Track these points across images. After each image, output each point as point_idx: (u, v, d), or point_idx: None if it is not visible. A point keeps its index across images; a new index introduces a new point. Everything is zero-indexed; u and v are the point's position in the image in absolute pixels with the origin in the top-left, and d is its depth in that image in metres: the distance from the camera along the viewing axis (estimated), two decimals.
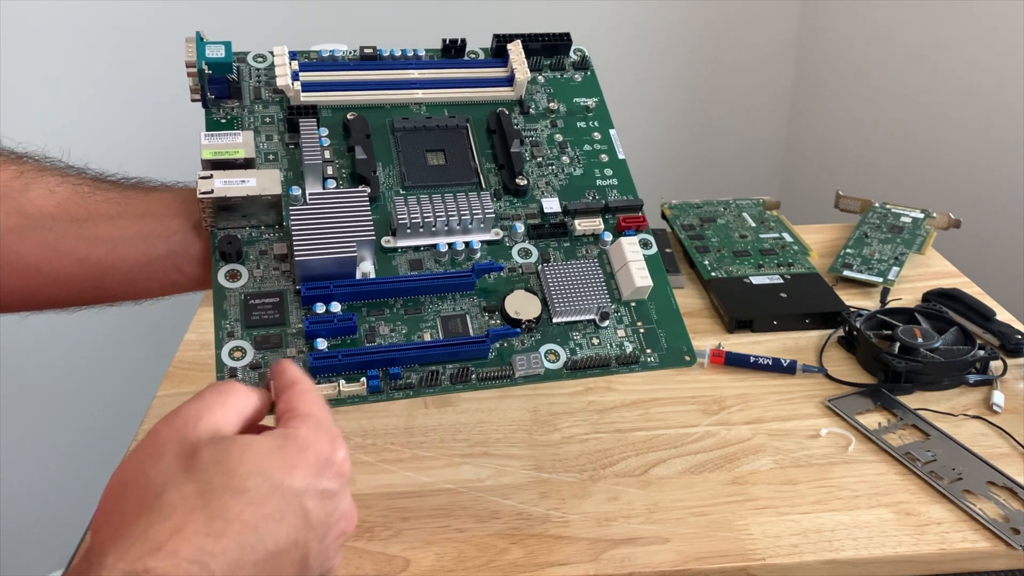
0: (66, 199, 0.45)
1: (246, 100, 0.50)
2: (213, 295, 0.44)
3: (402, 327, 0.45)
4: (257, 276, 0.45)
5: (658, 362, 0.47)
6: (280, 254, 0.45)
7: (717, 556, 0.48)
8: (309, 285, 0.44)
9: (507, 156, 0.51)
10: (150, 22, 1.19)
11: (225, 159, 0.45)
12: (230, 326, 0.43)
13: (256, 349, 0.43)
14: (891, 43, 1.35)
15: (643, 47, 1.50)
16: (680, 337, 0.48)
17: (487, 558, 0.48)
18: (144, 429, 0.59)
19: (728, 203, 0.88)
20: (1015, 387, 0.62)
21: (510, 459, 0.56)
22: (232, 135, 0.46)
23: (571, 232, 0.50)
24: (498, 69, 0.54)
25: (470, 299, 0.47)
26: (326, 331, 0.44)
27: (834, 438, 0.57)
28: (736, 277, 0.75)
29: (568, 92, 0.55)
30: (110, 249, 0.44)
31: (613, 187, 0.52)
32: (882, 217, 0.84)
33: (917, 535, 0.49)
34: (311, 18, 1.32)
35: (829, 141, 1.53)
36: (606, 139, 0.54)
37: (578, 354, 0.46)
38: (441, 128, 0.51)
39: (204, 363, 0.66)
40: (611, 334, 0.47)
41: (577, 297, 0.47)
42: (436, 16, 1.35)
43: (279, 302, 0.44)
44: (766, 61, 1.56)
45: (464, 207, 0.47)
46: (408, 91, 0.52)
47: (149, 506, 0.30)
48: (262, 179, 0.45)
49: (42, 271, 0.43)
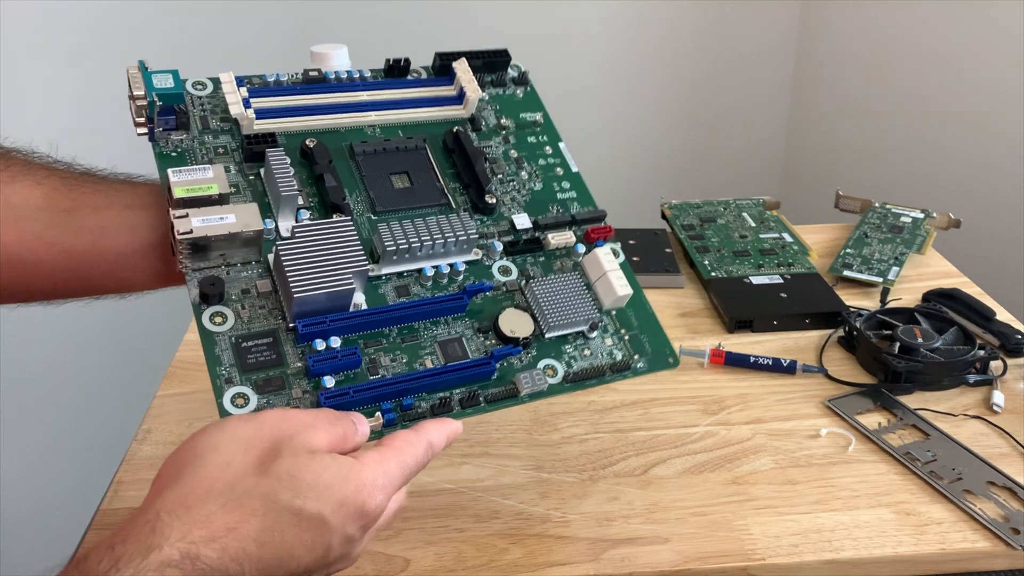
0: (53, 190, 0.45)
1: (194, 131, 0.47)
2: (202, 342, 0.42)
3: (402, 356, 0.45)
4: (244, 317, 0.43)
5: (646, 367, 0.49)
6: (265, 291, 0.44)
7: (717, 556, 0.48)
8: (305, 322, 0.42)
9: (472, 175, 0.50)
10: (134, 28, 1.19)
11: (199, 196, 0.43)
12: (226, 372, 0.41)
13: (259, 393, 0.41)
14: (891, 43, 1.35)
15: (643, 47, 1.50)
16: (662, 341, 0.50)
17: (487, 558, 0.48)
18: (144, 429, 0.59)
19: (728, 203, 0.88)
20: (1015, 387, 0.62)
21: (510, 459, 0.56)
22: (201, 169, 0.44)
23: (545, 247, 0.50)
24: (444, 88, 0.53)
25: (462, 321, 0.47)
26: (331, 368, 0.42)
27: (834, 438, 0.57)
28: (736, 277, 0.75)
29: (513, 108, 0.55)
30: (96, 239, 0.44)
31: (573, 200, 0.53)
32: (882, 217, 0.84)
33: (917, 535, 0.49)
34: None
35: (829, 141, 1.53)
36: (557, 153, 0.55)
37: (574, 366, 0.47)
38: (401, 150, 0.50)
39: (204, 363, 0.66)
40: (600, 344, 0.48)
41: (567, 310, 0.47)
42: (437, 18, 1.35)
43: (272, 342, 0.42)
44: (766, 61, 1.56)
45: (447, 229, 0.46)
46: (361, 113, 0.51)
47: (219, 492, 0.33)
48: (241, 215, 0.43)
49: (27, 261, 0.43)
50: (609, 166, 1.56)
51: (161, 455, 0.56)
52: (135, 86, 0.46)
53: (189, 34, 1.21)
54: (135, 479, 0.54)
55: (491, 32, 1.39)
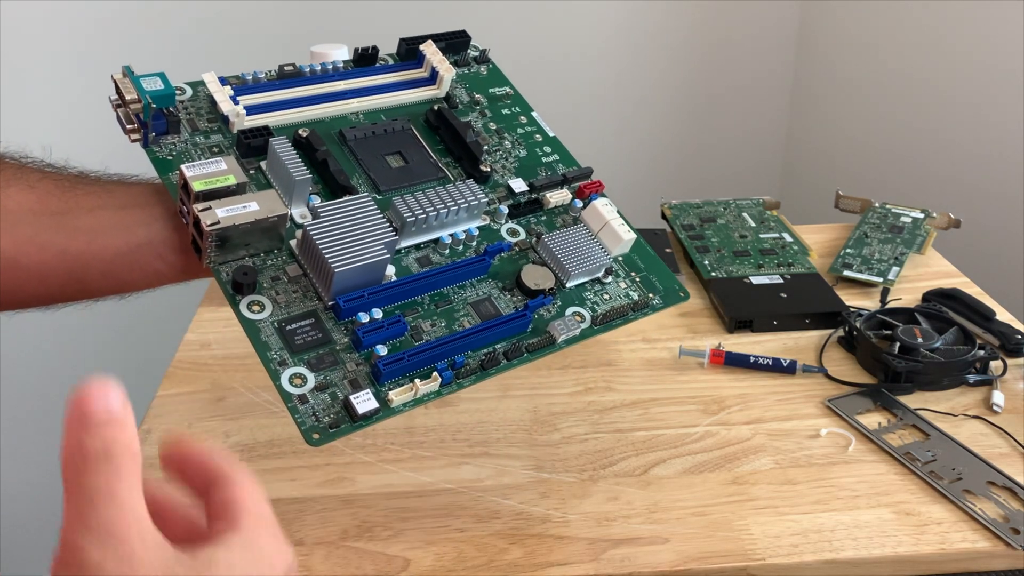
0: (47, 193, 0.44)
1: (184, 133, 0.48)
2: (246, 332, 0.43)
3: (440, 320, 0.46)
4: (281, 302, 0.44)
5: (663, 303, 0.51)
6: (295, 275, 0.45)
7: (717, 556, 0.48)
8: (345, 297, 0.44)
9: (463, 147, 0.52)
10: (129, 30, 1.20)
11: (217, 188, 0.43)
12: (277, 356, 0.43)
13: (313, 371, 0.43)
14: (891, 43, 1.35)
15: (643, 47, 1.50)
16: (669, 278, 0.53)
17: (487, 558, 0.48)
18: (144, 429, 0.59)
19: (728, 203, 0.88)
20: (1015, 387, 0.62)
21: (510, 459, 0.56)
22: (213, 163, 0.44)
23: (544, 206, 0.53)
24: (414, 71, 0.55)
25: (486, 283, 0.49)
26: (381, 337, 0.44)
27: (834, 438, 0.57)
28: (736, 277, 0.75)
29: (481, 84, 0.57)
30: (90, 240, 0.44)
31: (557, 162, 0.55)
32: (882, 217, 0.84)
33: (917, 535, 0.49)
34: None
35: (829, 141, 1.53)
36: (531, 121, 0.57)
37: (598, 310, 0.50)
38: (388, 132, 0.52)
39: (204, 363, 0.66)
40: (616, 287, 0.51)
41: (581, 259, 0.50)
42: (437, 18, 1.35)
43: (315, 322, 0.44)
44: (766, 61, 1.56)
45: (458, 196, 0.48)
46: (342, 102, 0.52)
47: None
48: (263, 202, 0.43)
49: (21, 265, 0.43)
50: (609, 166, 1.56)
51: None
52: (126, 91, 0.45)
53: (189, 34, 1.21)
54: None
55: (491, 32, 1.39)
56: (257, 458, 0.56)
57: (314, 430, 0.41)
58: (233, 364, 0.66)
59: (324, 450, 0.56)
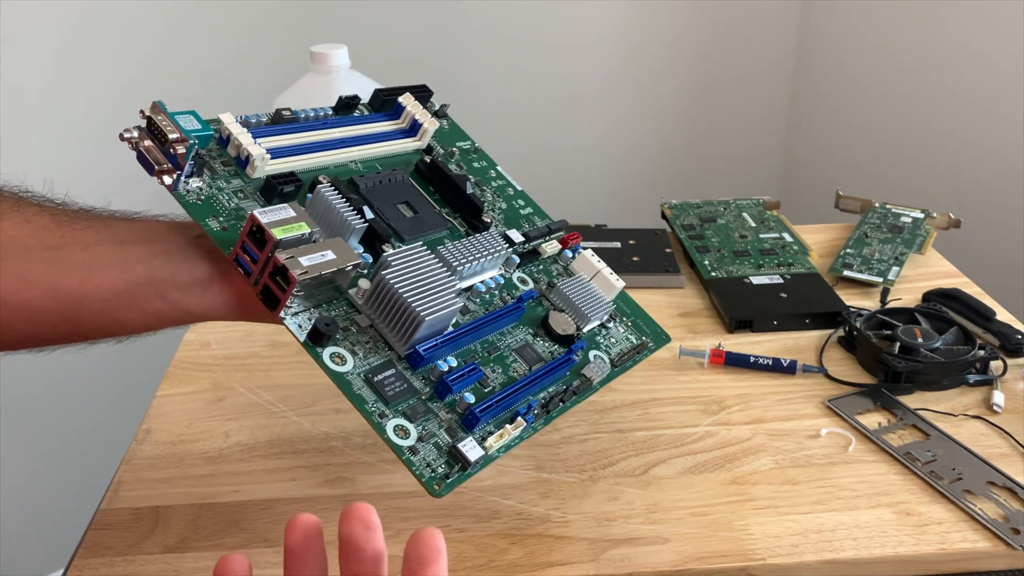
0: (42, 228, 0.42)
1: (205, 176, 0.45)
2: (340, 386, 0.42)
3: (496, 366, 0.48)
4: (360, 353, 0.43)
5: (655, 345, 0.56)
6: (365, 326, 0.44)
7: (717, 556, 0.48)
8: (424, 345, 0.44)
9: (462, 198, 0.53)
10: (130, 35, 1.19)
11: (294, 236, 0.41)
12: (376, 408, 0.42)
13: (412, 422, 0.43)
14: (891, 44, 1.35)
15: (644, 47, 1.50)
16: (651, 322, 0.58)
17: (487, 558, 0.48)
18: (144, 429, 0.59)
19: (728, 203, 0.88)
20: (1015, 387, 0.62)
21: (510, 459, 0.56)
22: (281, 209, 0.42)
23: (541, 255, 0.55)
24: (392, 122, 0.55)
25: (520, 329, 0.51)
26: (465, 384, 0.45)
27: (834, 438, 0.57)
28: (736, 277, 0.75)
29: (447, 138, 0.58)
30: (84, 277, 0.41)
31: (532, 214, 0.57)
32: (882, 217, 0.84)
33: (917, 535, 0.49)
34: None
35: (829, 141, 1.53)
36: (499, 175, 0.59)
37: (612, 352, 0.53)
38: (391, 183, 0.52)
39: (204, 363, 0.66)
40: (617, 332, 0.55)
41: (591, 306, 0.53)
42: (437, 19, 1.35)
43: (396, 372, 0.44)
44: (766, 61, 1.56)
45: (487, 246, 0.50)
46: (342, 150, 0.51)
47: None
48: (337, 250, 0.42)
49: (10, 303, 0.40)
50: (609, 166, 1.56)
51: (161, 455, 0.56)
52: (166, 128, 0.41)
53: (189, 34, 1.21)
54: (135, 479, 0.54)
55: (492, 33, 1.39)
56: (257, 458, 0.56)
57: (434, 480, 0.42)
58: (233, 364, 0.66)
59: (324, 450, 0.56)
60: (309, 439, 0.58)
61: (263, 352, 0.67)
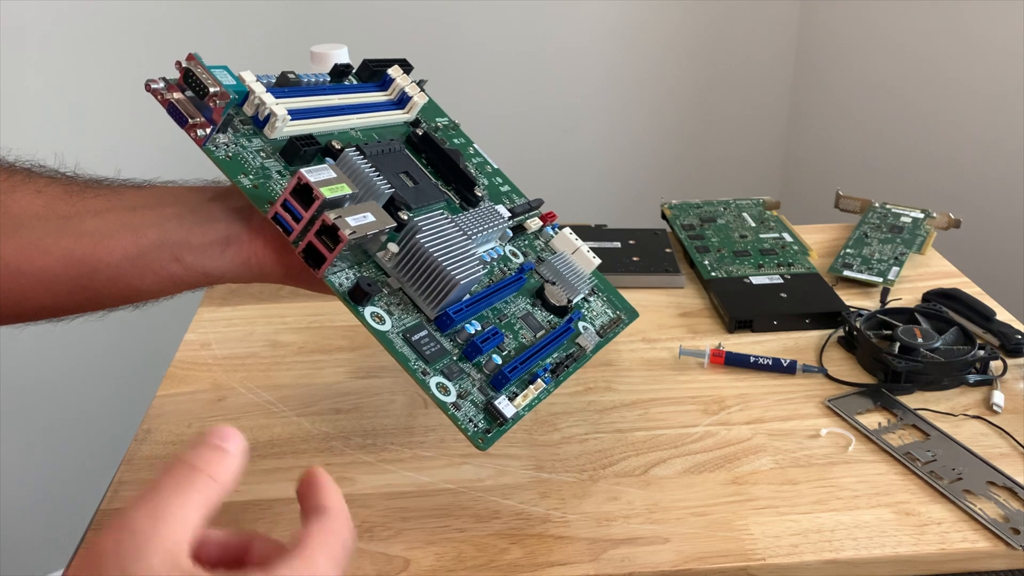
0: (54, 198, 0.43)
1: (230, 133, 0.45)
2: (384, 344, 0.43)
3: (507, 332, 0.50)
4: (395, 314, 0.44)
5: (627, 320, 0.59)
6: (395, 288, 0.45)
7: (717, 556, 0.48)
8: (454, 308, 0.45)
9: (456, 172, 0.54)
10: (131, 31, 1.20)
11: (339, 196, 0.41)
12: (419, 365, 0.44)
13: (450, 380, 0.44)
14: (891, 44, 1.35)
15: (644, 47, 1.50)
16: (621, 299, 0.60)
17: (487, 558, 0.48)
18: (144, 429, 0.59)
19: (728, 203, 0.88)
20: (1015, 387, 0.62)
21: (510, 459, 0.56)
22: (320, 169, 0.42)
23: (526, 230, 0.57)
24: (379, 93, 0.55)
25: (520, 298, 0.53)
26: (492, 346, 0.47)
27: (834, 438, 0.57)
28: (736, 277, 0.75)
29: (427, 113, 0.59)
30: (96, 243, 0.42)
31: (510, 192, 0.59)
32: (882, 217, 0.84)
33: (917, 535, 0.49)
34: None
35: (829, 141, 1.53)
36: (477, 152, 0.60)
37: (596, 323, 0.55)
38: (390, 152, 0.52)
39: (204, 363, 0.66)
40: (596, 305, 0.57)
41: (577, 280, 0.56)
42: (437, 18, 1.35)
43: (428, 333, 0.45)
44: (766, 62, 1.56)
45: (490, 217, 0.51)
46: (342, 117, 0.51)
47: None
48: (374, 213, 0.42)
49: (25, 272, 0.41)
50: (609, 166, 1.56)
51: (161, 455, 0.56)
52: (208, 83, 0.41)
53: (189, 34, 1.21)
54: (135, 479, 0.54)
55: (492, 32, 1.39)
56: (257, 458, 0.56)
57: (479, 435, 0.43)
58: (233, 364, 0.66)
59: (324, 450, 0.56)
60: (309, 439, 0.58)
61: (263, 352, 0.67)
